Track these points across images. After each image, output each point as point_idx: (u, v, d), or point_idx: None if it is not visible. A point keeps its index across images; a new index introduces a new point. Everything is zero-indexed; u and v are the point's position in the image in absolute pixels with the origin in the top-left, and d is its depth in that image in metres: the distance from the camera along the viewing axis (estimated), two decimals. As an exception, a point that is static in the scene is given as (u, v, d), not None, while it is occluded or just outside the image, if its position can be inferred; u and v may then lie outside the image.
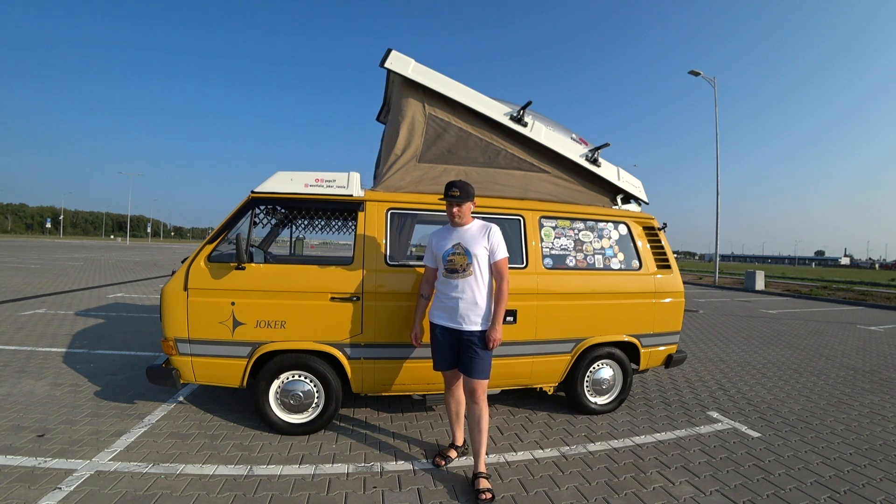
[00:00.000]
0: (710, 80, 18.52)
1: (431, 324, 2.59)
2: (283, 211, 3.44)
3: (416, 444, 2.88)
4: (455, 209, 2.47)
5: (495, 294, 2.47)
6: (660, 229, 3.70)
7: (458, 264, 2.44)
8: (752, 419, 3.49)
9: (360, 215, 3.03)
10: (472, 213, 2.56)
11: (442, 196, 2.52)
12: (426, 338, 2.76)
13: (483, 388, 2.43)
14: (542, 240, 3.29)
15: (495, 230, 2.50)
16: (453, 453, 2.67)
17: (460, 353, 2.49)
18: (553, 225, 3.37)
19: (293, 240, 4.73)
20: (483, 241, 2.46)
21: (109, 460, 2.48)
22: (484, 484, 2.32)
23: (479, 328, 2.43)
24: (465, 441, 2.76)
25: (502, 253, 2.47)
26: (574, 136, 3.64)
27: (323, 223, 4.19)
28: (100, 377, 3.90)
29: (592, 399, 3.46)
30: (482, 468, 2.40)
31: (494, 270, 2.49)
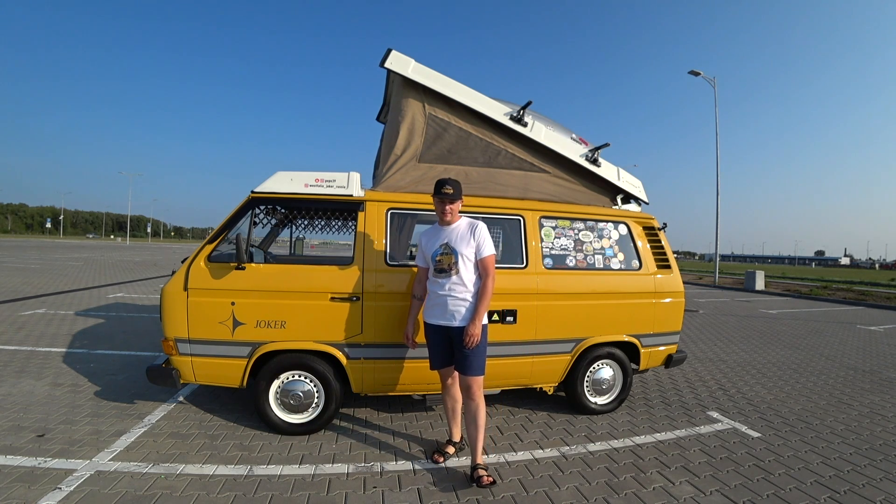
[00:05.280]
0: (710, 80, 18.52)
1: (425, 323, 2.64)
2: (283, 211, 3.44)
3: (416, 443, 2.88)
4: (448, 206, 2.49)
5: (479, 290, 2.49)
6: (660, 229, 3.70)
7: (445, 263, 2.48)
8: (752, 419, 3.49)
9: (360, 215, 3.03)
10: (473, 212, 2.57)
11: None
12: (420, 337, 2.77)
13: (479, 384, 2.47)
14: (542, 240, 3.29)
15: (482, 227, 2.53)
16: (451, 449, 2.71)
17: (454, 351, 2.52)
18: (553, 225, 3.37)
19: (293, 240, 4.73)
20: (469, 239, 2.49)
21: (109, 460, 2.48)
22: (482, 473, 2.38)
23: (469, 324, 2.46)
24: (462, 437, 2.79)
25: (488, 250, 2.50)
26: (574, 135, 3.64)
27: (323, 223, 4.19)
28: (100, 377, 3.90)
29: (592, 399, 3.46)
30: (479, 460, 2.46)
31: (480, 267, 2.51)
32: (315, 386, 2.93)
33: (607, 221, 3.53)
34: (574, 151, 3.47)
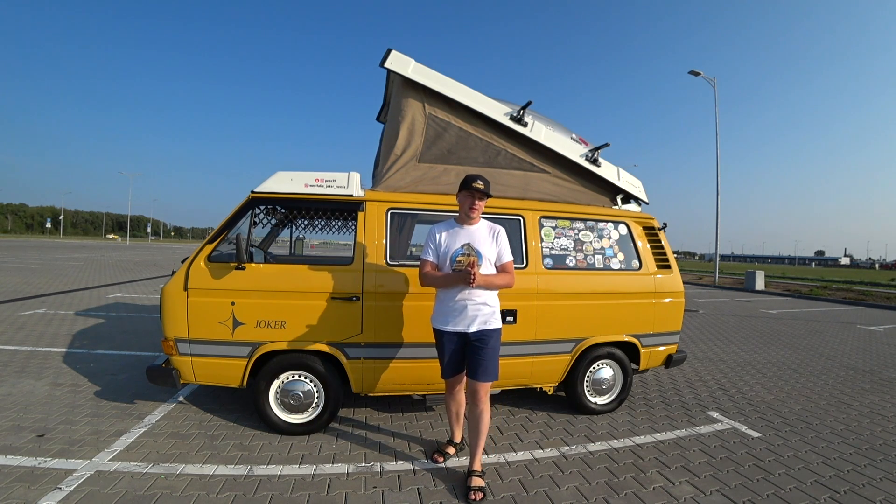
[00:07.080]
0: (710, 80, 18.52)
1: (436, 331, 2.52)
2: (283, 211, 3.44)
3: (416, 443, 2.88)
4: (477, 203, 2.43)
5: (499, 273, 2.48)
6: (660, 229, 3.70)
7: (467, 264, 2.37)
8: (752, 419, 3.49)
9: (360, 215, 3.03)
10: None
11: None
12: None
13: (487, 389, 2.42)
14: (542, 240, 3.29)
15: (503, 232, 2.52)
16: (451, 449, 2.71)
17: (467, 356, 2.44)
18: (553, 225, 3.37)
19: (293, 240, 4.73)
20: (492, 242, 2.47)
21: (109, 460, 2.48)
22: (476, 482, 2.31)
23: (488, 328, 2.40)
24: (463, 438, 2.80)
25: (509, 256, 2.50)
26: (574, 136, 3.64)
27: (323, 223, 4.19)
28: (100, 377, 3.90)
29: (592, 399, 3.46)
30: (477, 467, 2.40)
31: (501, 272, 2.49)
32: (315, 386, 2.93)
33: (607, 221, 3.53)
34: (574, 151, 3.47)
